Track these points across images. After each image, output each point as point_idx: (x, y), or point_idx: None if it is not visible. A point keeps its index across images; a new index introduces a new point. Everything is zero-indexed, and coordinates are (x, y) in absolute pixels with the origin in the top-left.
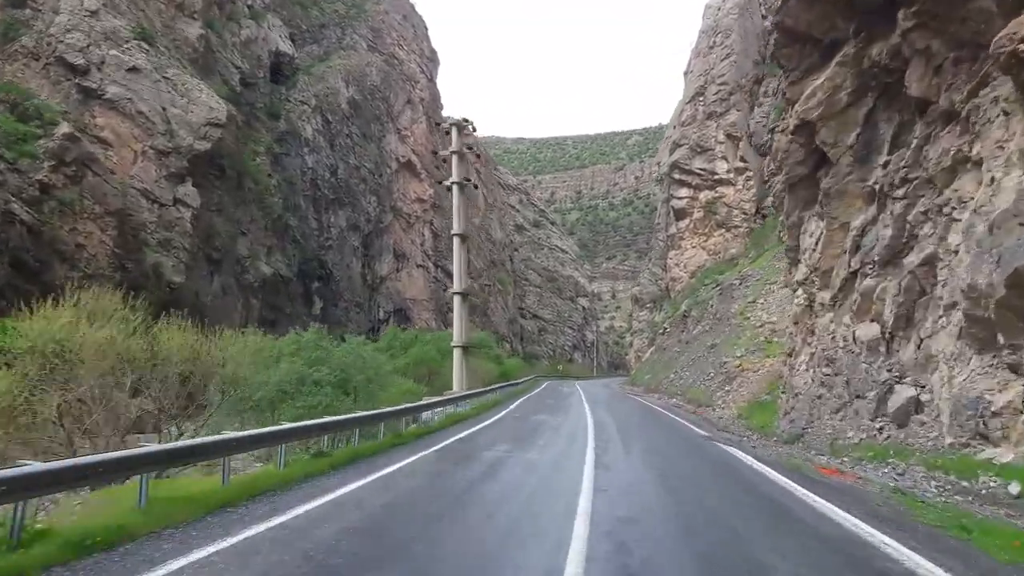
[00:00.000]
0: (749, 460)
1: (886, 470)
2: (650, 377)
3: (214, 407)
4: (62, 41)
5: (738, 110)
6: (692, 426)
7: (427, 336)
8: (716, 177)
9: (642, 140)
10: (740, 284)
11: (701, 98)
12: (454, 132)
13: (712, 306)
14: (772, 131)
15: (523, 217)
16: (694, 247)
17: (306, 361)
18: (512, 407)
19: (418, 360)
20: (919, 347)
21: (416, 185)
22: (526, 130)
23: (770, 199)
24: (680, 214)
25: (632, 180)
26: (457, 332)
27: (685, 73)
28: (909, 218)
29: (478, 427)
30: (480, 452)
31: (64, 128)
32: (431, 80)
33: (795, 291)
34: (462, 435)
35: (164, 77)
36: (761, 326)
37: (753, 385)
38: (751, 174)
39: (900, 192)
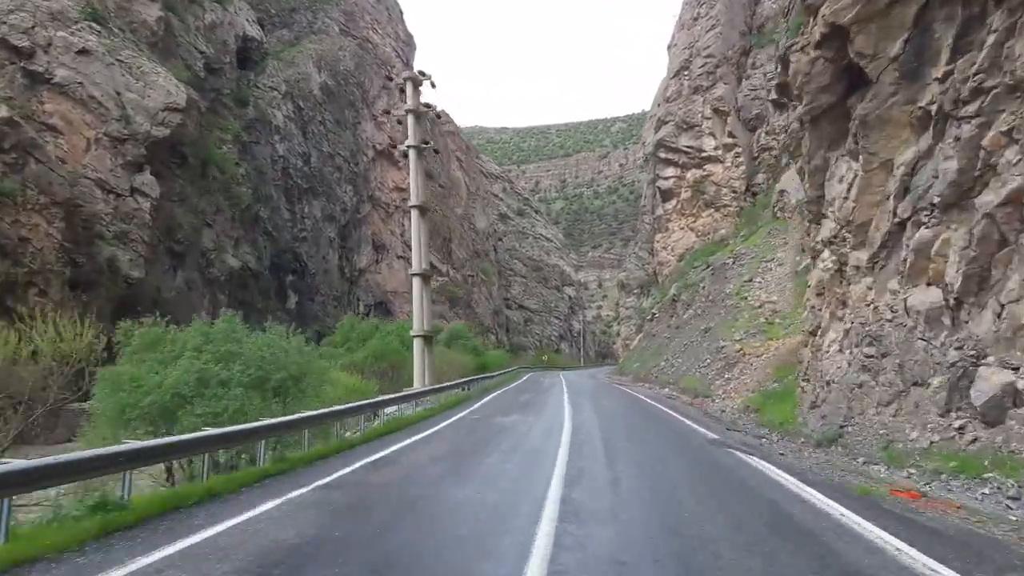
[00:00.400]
0: (790, 482)
1: (986, 491)
2: (639, 365)
3: (92, 417)
4: (4, 22)
5: (725, 83)
6: (694, 424)
7: (389, 326)
8: (704, 155)
9: (626, 127)
10: (733, 263)
11: (686, 72)
12: (409, 88)
13: (704, 288)
14: (783, 58)
15: (507, 206)
16: (682, 229)
17: (214, 356)
18: (477, 405)
19: (378, 354)
20: (1000, 316)
21: (394, 173)
22: (509, 119)
23: (760, 175)
24: (666, 195)
25: (617, 168)
26: (417, 319)
27: (669, 47)
28: (984, 142)
29: (418, 436)
30: (386, 492)
31: (1, 112)
32: (407, 65)
33: (816, 256)
34: (386, 452)
35: (117, 60)
36: (760, 306)
37: (757, 372)
38: (740, 150)
39: (970, 109)
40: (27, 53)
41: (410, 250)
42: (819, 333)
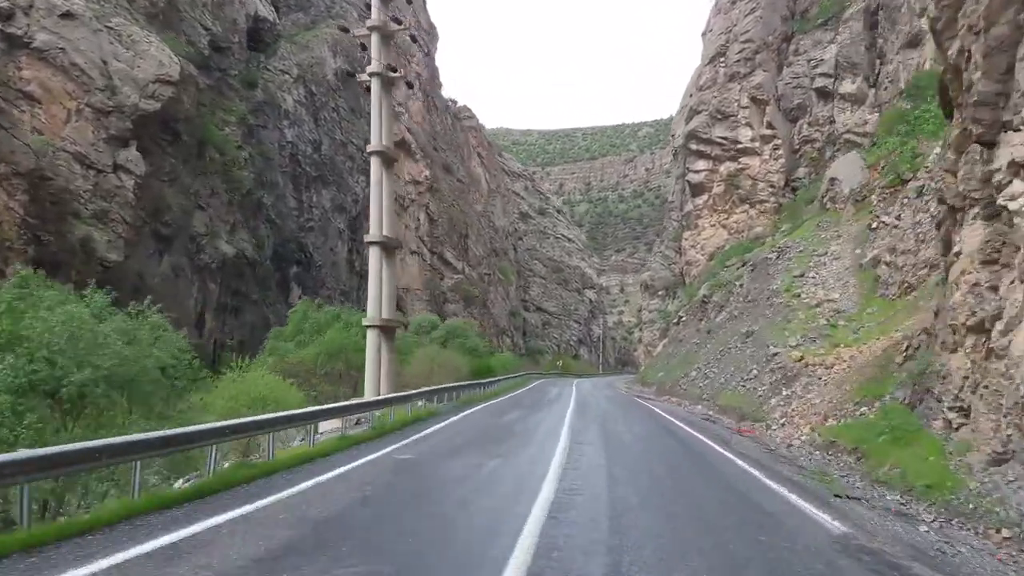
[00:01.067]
0: None
1: None
2: (663, 375)
3: None
4: None
5: (764, 71)
6: (768, 478)
7: (353, 316)
8: (739, 146)
9: (653, 132)
10: (778, 258)
11: (722, 59)
12: (376, 2)
13: (741, 286)
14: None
15: (528, 204)
16: (713, 226)
17: None
18: (431, 430)
19: (333, 350)
20: None
21: (411, 166)
22: (535, 122)
23: (802, 169)
24: (697, 189)
25: (643, 172)
26: (374, 303)
27: (703, 34)
28: None
29: (224, 517)
30: None
31: None
32: (428, 55)
33: (977, 202)
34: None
35: (106, 27)
36: (818, 305)
37: (830, 389)
38: (779, 142)
39: None
40: (5, 14)
41: (424, 246)
42: (995, 326)
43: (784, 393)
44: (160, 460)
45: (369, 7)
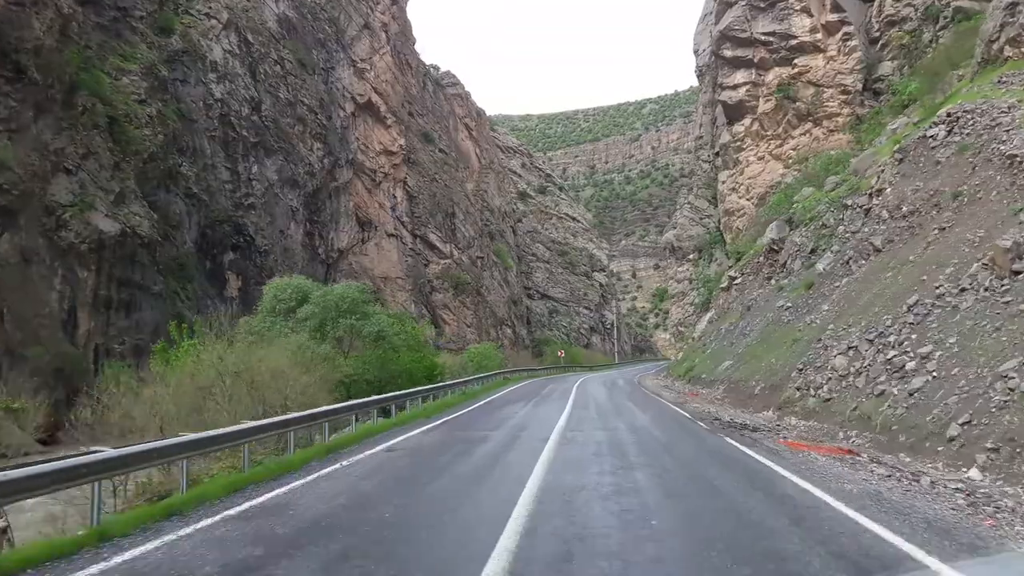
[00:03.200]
0: None
1: None
2: (709, 366)
3: None
4: None
5: None
6: None
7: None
8: (793, 43)
9: (657, 108)
10: (950, 133)
11: None
12: None
13: (879, 197)
14: None
15: (526, 183)
16: (761, 159)
17: None
18: None
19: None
20: None
21: (382, 133)
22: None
23: (888, 63)
24: (735, 112)
25: (649, 151)
26: None
27: None
28: None
29: None
30: None
31: None
32: (397, 3)
33: None
34: None
35: None
36: None
37: None
38: (851, 30)
39: None
40: None
41: (404, 227)
42: None
43: None
44: None
45: None
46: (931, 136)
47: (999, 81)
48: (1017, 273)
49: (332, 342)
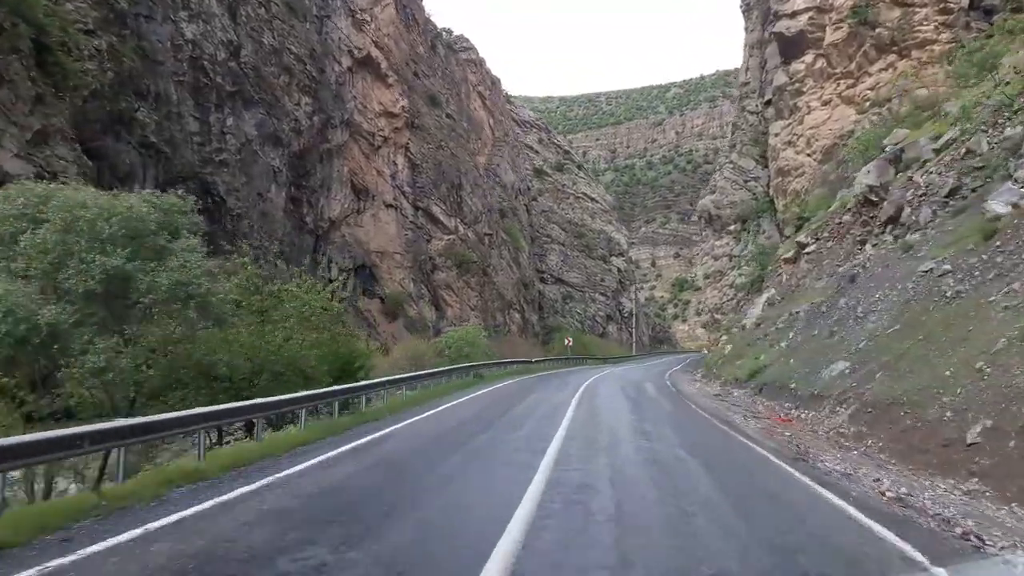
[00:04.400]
0: None
1: None
2: (797, 369)
3: None
4: None
5: None
6: None
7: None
8: None
9: (682, 92)
10: None
11: None
12: None
13: None
14: None
15: (543, 159)
16: (826, 103)
17: None
18: None
19: None
20: None
21: (383, 93)
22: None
23: None
24: (794, 46)
25: (672, 136)
26: None
27: None
28: None
29: None
30: None
31: None
32: None
33: None
34: None
35: None
36: None
37: None
38: None
39: None
40: None
41: (404, 198)
42: None
43: None
44: None
45: None
46: None
47: None
48: None
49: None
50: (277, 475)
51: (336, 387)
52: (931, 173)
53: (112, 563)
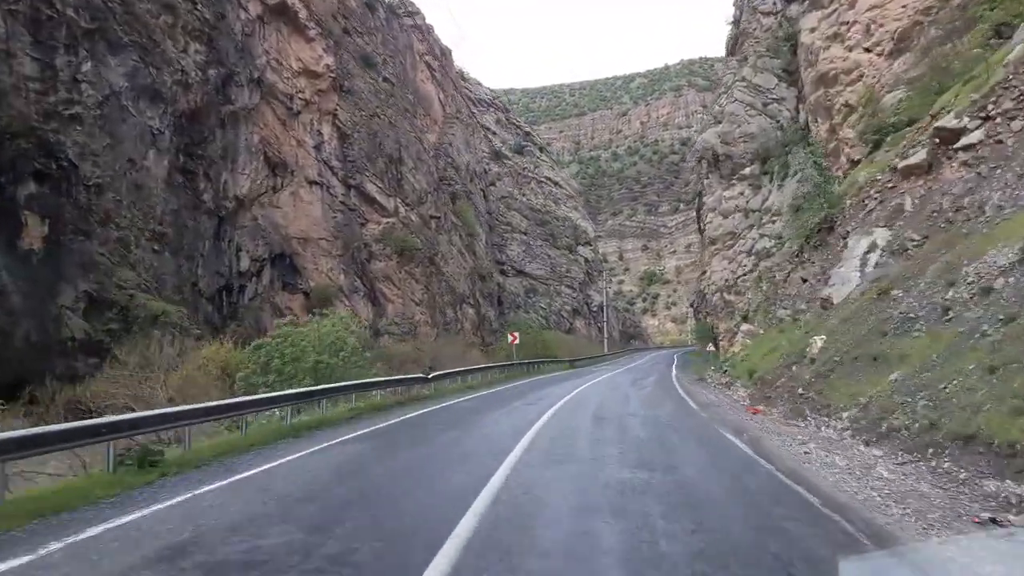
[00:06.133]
0: None
1: None
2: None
3: None
4: None
5: None
6: None
7: None
8: None
9: (647, 82)
10: None
11: None
12: None
13: None
14: None
15: (501, 141)
16: None
17: None
18: None
19: None
20: None
21: (302, 48)
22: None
23: None
24: None
25: (637, 126)
26: None
27: None
28: None
29: None
30: None
31: None
32: None
33: None
34: None
35: None
36: None
37: None
38: None
39: None
40: None
41: (333, 173)
42: None
43: None
44: None
45: None
46: None
47: None
48: None
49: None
50: None
51: None
52: None
53: None
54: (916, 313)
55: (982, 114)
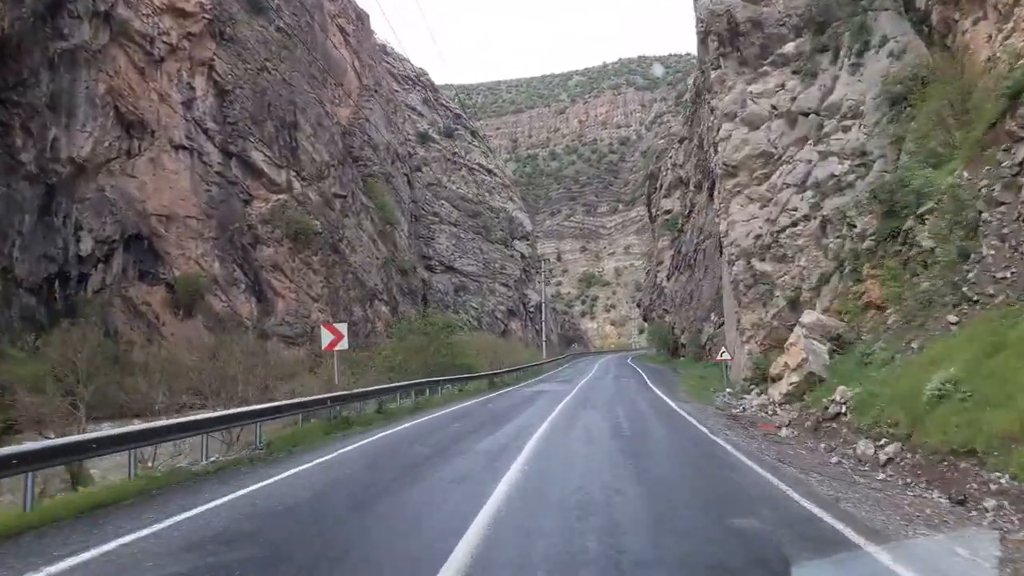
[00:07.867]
0: None
1: None
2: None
3: None
4: None
5: None
6: None
7: None
8: None
9: (585, 80)
10: None
11: None
12: None
13: None
14: None
15: (428, 123)
16: None
17: None
18: None
19: None
20: None
21: None
22: (453, 76)
23: None
24: None
25: (576, 125)
26: None
27: None
28: None
29: None
30: None
31: None
32: None
33: None
34: None
35: None
36: None
37: None
38: None
39: None
40: None
41: (207, 137)
42: None
43: None
44: None
45: None
46: None
47: None
48: None
49: None
50: None
51: None
52: None
53: None
54: None
55: None
